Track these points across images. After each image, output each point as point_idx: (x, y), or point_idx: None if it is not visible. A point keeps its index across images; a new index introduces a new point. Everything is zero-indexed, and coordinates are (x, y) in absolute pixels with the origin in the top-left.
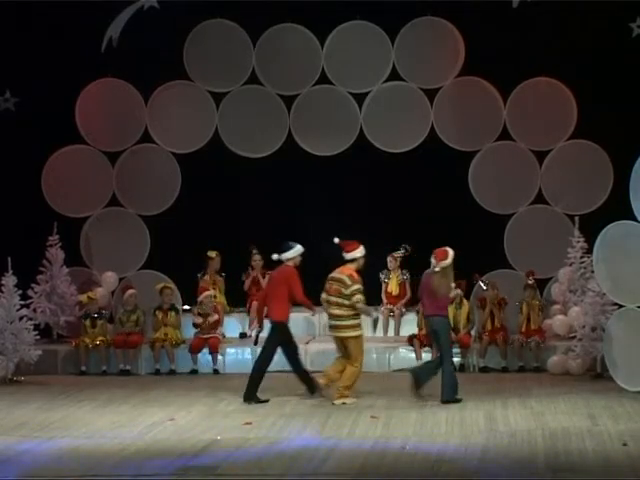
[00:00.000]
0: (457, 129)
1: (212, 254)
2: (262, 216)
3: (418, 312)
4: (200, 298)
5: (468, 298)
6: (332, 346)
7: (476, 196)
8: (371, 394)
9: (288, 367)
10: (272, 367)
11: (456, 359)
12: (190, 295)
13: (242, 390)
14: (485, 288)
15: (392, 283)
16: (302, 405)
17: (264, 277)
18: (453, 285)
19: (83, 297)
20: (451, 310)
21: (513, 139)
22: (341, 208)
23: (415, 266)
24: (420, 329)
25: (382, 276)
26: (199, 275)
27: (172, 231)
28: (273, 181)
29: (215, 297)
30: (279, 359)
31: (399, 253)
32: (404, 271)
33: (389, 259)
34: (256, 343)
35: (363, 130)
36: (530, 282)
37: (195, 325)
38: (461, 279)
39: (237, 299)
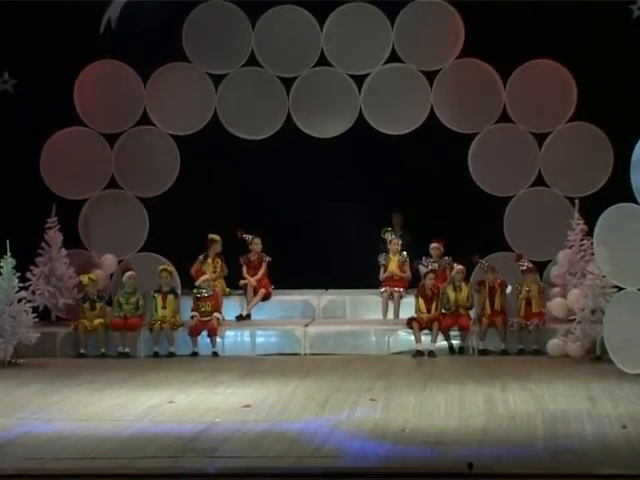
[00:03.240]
0: (457, 111)
1: (216, 237)
2: (261, 198)
3: (417, 295)
4: (197, 283)
5: (468, 280)
6: (332, 328)
7: (475, 178)
8: (370, 377)
9: (286, 350)
10: (270, 350)
11: (456, 342)
12: (190, 278)
13: (241, 372)
14: (484, 270)
15: (392, 265)
16: (301, 388)
17: (262, 262)
18: (459, 266)
19: (84, 278)
20: (451, 292)
21: (513, 121)
22: (340, 190)
23: (413, 249)
24: (420, 312)
25: (380, 259)
26: (200, 257)
27: (171, 213)
28: (272, 163)
29: (215, 280)
30: (277, 341)
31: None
32: (403, 253)
33: (394, 242)
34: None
35: (362, 112)
36: (523, 267)
37: (193, 317)
38: (460, 261)
39: (236, 282)
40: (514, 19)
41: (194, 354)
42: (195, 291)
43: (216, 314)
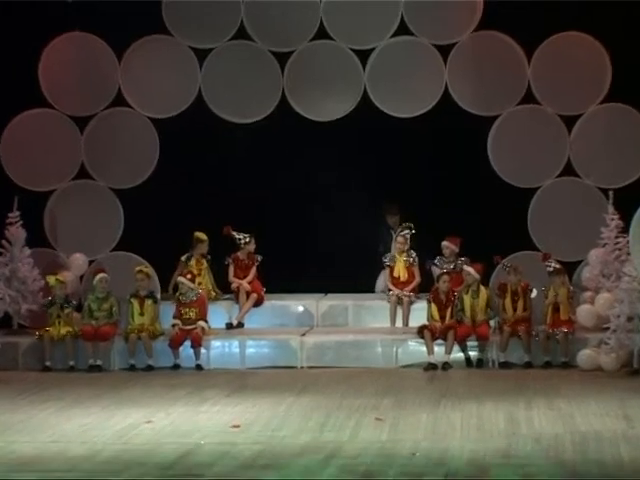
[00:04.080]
0: (474, 91)
1: (202, 236)
2: (252, 190)
3: (429, 300)
4: (179, 279)
5: (487, 284)
6: (332, 338)
7: (496, 167)
8: (376, 393)
9: (280, 362)
10: (263, 362)
11: (473, 353)
12: (170, 281)
13: (229, 388)
14: (506, 272)
15: (399, 266)
16: (297, 405)
17: (253, 262)
18: (467, 268)
19: (50, 279)
20: (467, 298)
21: (538, 102)
22: (341, 181)
23: (424, 247)
24: (433, 319)
25: (386, 260)
26: (183, 259)
27: (149, 207)
28: (264, 150)
29: (200, 284)
30: (270, 353)
31: (406, 233)
32: (411, 252)
33: (399, 240)
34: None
35: (367, 92)
36: (549, 269)
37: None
38: (478, 262)
39: (222, 285)
40: None
41: (175, 367)
42: (178, 294)
43: (201, 322)
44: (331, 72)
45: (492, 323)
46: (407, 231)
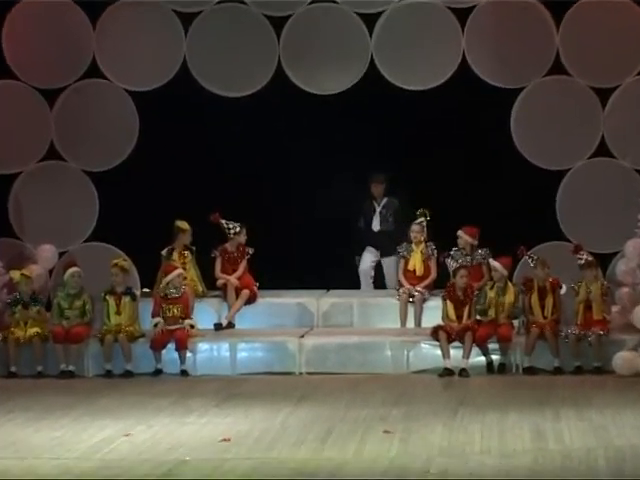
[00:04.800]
0: (496, 60)
1: (184, 225)
2: (243, 173)
3: (444, 297)
4: (169, 277)
5: (511, 279)
6: (334, 340)
7: (520, 147)
8: (384, 402)
9: (276, 368)
10: (256, 368)
11: (495, 357)
12: (151, 274)
13: (218, 397)
14: (533, 265)
15: (415, 259)
16: (295, 417)
17: (243, 255)
18: (494, 263)
19: (15, 274)
20: (492, 294)
21: (568, 73)
22: (346, 161)
23: (439, 237)
24: (449, 319)
25: (401, 249)
26: (164, 253)
27: (128, 192)
28: (257, 128)
29: (185, 279)
30: (265, 357)
31: (421, 221)
32: (430, 243)
33: (414, 229)
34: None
35: (374, 62)
36: (581, 262)
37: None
38: (504, 255)
39: (209, 280)
40: None
41: (157, 373)
42: (162, 288)
43: (187, 321)
44: (333, 39)
45: (516, 323)
46: (422, 219)
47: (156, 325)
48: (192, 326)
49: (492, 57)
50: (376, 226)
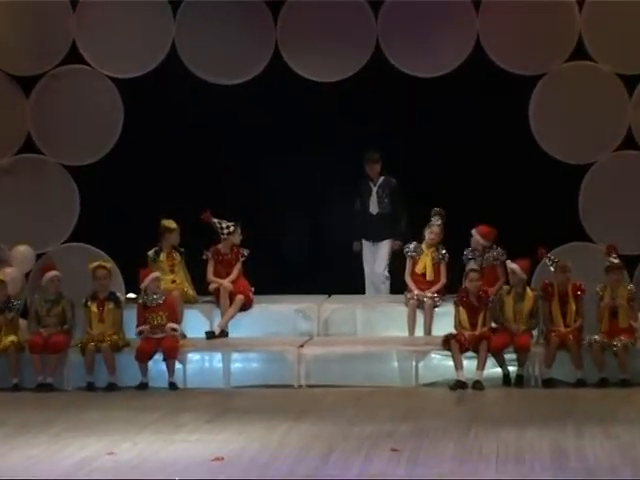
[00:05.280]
0: (512, 44)
1: (170, 224)
2: (237, 168)
3: (456, 303)
4: (144, 285)
5: (529, 283)
6: (337, 350)
7: (539, 139)
8: (391, 418)
9: (273, 380)
10: (252, 380)
11: (512, 368)
12: (137, 278)
13: (210, 412)
14: (552, 269)
15: (425, 261)
16: (294, 433)
17: (238, 257)
18: (512, 265)
19: None
20: (509, 302)
21: (592, 58)
22: (348, 156)
23: (450, 238)
24: (462, 326)
25: (409, 249)
26: (150, 254)
27: (111, 188)
28: (252, 118)
29: (173, 283)
30: (261, 368)
31: (437, 221)
32: (440, 247)
33: (435, 230)
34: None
35: (380, 46)
36: (614, 261)
37: (139, 333)
38: (521, 257)
39: (201, 285)
40: None
41: (143, 386)
42: (142, 296)
43: (172, 324)
44: (335, 22)
45: (535, 332)
46: (438, 218)
47: (141, 334)
48: (174, 329)
49: (508, 40)
50: (374, 208)
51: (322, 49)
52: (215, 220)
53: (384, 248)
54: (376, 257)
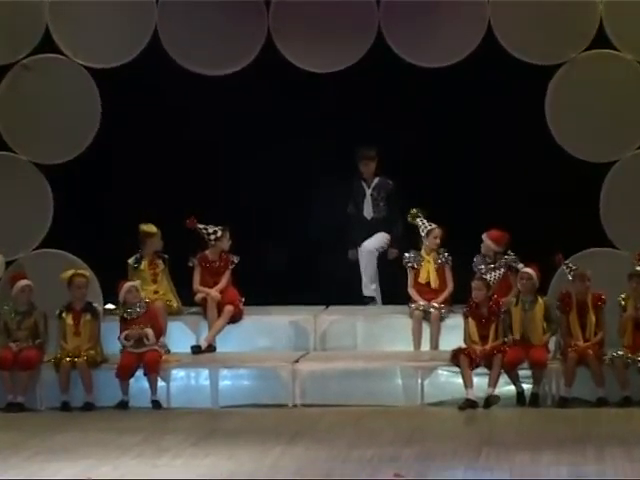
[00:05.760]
0: (527, 31)
1: (150, 228)
2: (226, 167)
3: (465, 314)
4: (119, 297)
5: (545, 292)
6: (335, 366)
7: (557, 135)
8: (394, 440)
9: (266, 399)
10: (242, 399)
11: (527, 386)
12: (115, 288)
13: (196, 434)
14: (571, 277)
15: (427, 269)
16: (288, 457)
17: (227, 265)
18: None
19: None
20: (517, 311)
21: (614, 46)
22: (346, 155)
23: (457, 242)
24: (471, 340)
25: (408, 257)
26: (131, 261)
27: (87, 190)
28: (242, 112)
29: (156, 293)
30: (252, 386)
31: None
32: (441, 250)
33: (437, 233)
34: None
35: (382, 33)
36: (638, 269)
37: (125, 341)
38: (532, 262)
39: (186, 295)
40: None
41: (123, 405)
42: (120, 308)
43: (151, 337)
44: (333, 7)
45: (552, 345)
46: (422, 220)
47: (123, 349)
48: (147, 337)
49: (522, 27)
50: (368, 213)
51: (318, 37)
52: (200, 226)
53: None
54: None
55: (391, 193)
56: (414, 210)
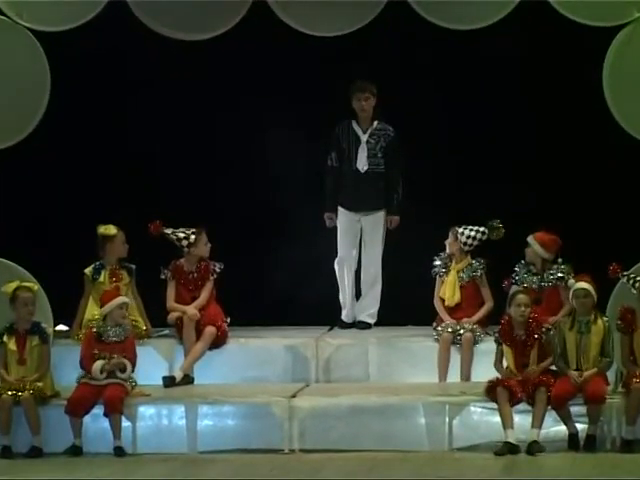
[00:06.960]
0: None
1: (109, 230)
2: (203, 156)
3: (497, 339)
4: (106, 309)
5: (603, 311)
6: (341, 402)
7: (617, 114)
8: None
9: (256, 443)
10: (226, 443)
11: (581, 426)
12: (69, 306)
13: None
14: (634, 291)
15: (452, 282)
16: None
17: (207, 275)
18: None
19: None
20: (571, 335)
21: None
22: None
23: (493, 247)
24: (510, 370)
25: (437, 265)
26: (88, 272)
27: (34, 183)
28: (226, 87)
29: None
30: (239, 426)
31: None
32: (477, 259)
33: (474, 235)
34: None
35: None
36: None
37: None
38: (586, 274)
39: (157, 313)
40: None
41: (76, 451)
42: (98, 326)
43: (128, 370)
44: None
45: (611, 376)
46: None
47: (81, 380)
48: (123, 369)
49: None
50: (362, 164)
51: None
52: (168, 231)
53: (376, 228)
54: (366, 239)
55: (392, 144)
56: (493, 222)
